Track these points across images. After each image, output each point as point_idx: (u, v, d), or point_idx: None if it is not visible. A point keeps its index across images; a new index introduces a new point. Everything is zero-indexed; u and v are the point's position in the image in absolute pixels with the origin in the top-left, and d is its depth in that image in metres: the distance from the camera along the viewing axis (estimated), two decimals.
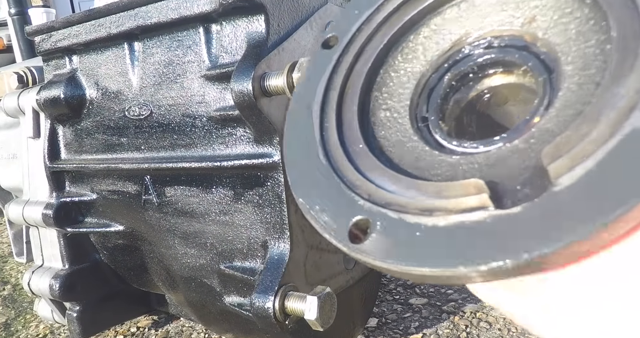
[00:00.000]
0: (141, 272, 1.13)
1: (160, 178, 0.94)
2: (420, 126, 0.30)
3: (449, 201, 0.23)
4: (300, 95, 0.33)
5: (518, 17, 0.28)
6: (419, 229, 0.23)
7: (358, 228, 0.25)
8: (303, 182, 0.28)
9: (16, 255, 1.38)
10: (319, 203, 0.27)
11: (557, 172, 0.21)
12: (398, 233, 0.23)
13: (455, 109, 0.31)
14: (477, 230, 0.21)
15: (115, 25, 0.93)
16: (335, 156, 0.29)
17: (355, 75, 0.32)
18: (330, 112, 0.31)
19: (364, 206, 0.25)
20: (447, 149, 0.28)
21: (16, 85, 1.16)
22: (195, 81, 0.85)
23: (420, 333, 1.35)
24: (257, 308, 0.76)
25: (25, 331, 1.55)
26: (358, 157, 0.28)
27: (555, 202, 0.20)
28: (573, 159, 0.20)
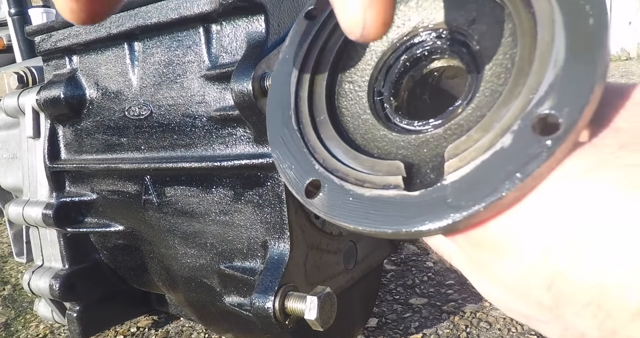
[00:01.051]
0: (141, 272, 1.13)
1: (160, 179, 0.94)
2: (376, 100, 0.36)
3: (377, 177, 0.30)
4: (283, 62, 0.38)
5: (463, 16, 0.33)
6: (351, 195, 0.30)
7: (312, 186, 0.32)
8: (278, 141, 0.35)
9: (16, 255, 1.38)
10: (288, 161, 0.33)
11: (448, 169, 0.27)
12: (337, 196, 0.30)
13: (409, 82, 0.37)
14: (387, 204, 0.28)
15: (115, 25, 0.93)
16: (305, 123, 0.35)
17: (329, 50, 0.37)
18: (304, 82, 0.36)
19: (318, 170, 0.32)
20: (391, 124, 0.34)
21: (16, 85, 1.16)
22: (195, 81, 0.85)
23: (420, 333, 1.35)
24: (257, 308, 0.76)
25: (25, 331, 1.55)
26: (321, 126, 0.34)
27: (440, 193, 0.26)
28: (461, 160, 0.26)
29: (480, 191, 0.25)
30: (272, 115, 0.36)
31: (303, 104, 0.36)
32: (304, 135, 0.34)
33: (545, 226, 0.23)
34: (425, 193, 0.27)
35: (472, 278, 0.30)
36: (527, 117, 0.25)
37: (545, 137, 0.24)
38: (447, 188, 0.26)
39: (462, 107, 0.30)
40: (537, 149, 0.24)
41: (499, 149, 0.25)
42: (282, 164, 0.34)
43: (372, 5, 0.25)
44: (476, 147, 0.26)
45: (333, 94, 0.36)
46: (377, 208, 0.28)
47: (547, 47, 0.26)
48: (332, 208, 0.30)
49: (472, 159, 0.26)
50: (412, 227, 0.26)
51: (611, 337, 0.22)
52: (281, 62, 0.38)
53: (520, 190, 0.24)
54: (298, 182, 0.32)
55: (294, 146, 0.34)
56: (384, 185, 0.29)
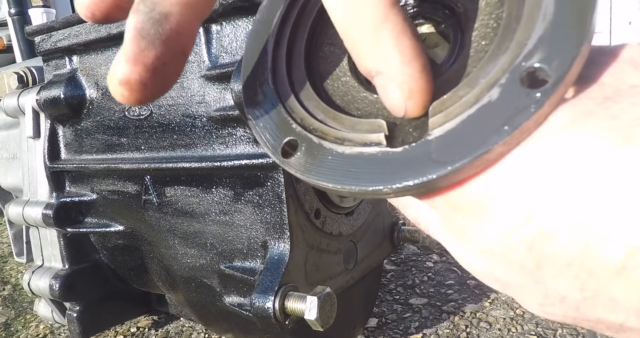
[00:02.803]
0: (141, 272, 1.13)
1: (160, 179, 0.94)
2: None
3: (356, 135, 0.29)
4: (260, 23, 0.37)
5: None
6: (330, 154, 0.29)
7: (289, 146, 0.30)
8: (253, 101, 0.34)
9: (16, 255, 1.38)
10: (263, 122, 0.33)
11: (433, 125, 0.26)
12: (315, 155, 0.29)
13: None
14: (369, 161, 0.27)
15: (115, 25, 0.93)
16: (281, 83, 0.34)
17: (309, 10, 0.36)
18: (282, 43, 0.35)
19: (296, 129, 0.31)
20: (371, 86, 0.32)
21: (16, 85, 1.16)
22: (195, 81, 0.85)
23: (420, 333, 1.35)
24: (257, 308, 0.76)
25: (25, 331, 1.55)
26: (299, 87, 0.34)
27: (425, 148, 0.26)
28: (446, 116, 0.26)
29: (466, 145, 0.24)
30: (247, 75, 0.35)
31: (280, 64, 0.34)
32: (280, 95, 0.33)
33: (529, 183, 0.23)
34: (409, 149, 0.26)
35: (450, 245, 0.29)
36: (515, 71, 0.24)
37: (534, 90, 0.23)
38: (431, 143, 0.26)
39: (444, 68, 0.30)
40: (526, 101, 0.23)
41: (486, 103, 0.25)
42: (257, 124, 0.33)
43: (412, 98, 0.26)
44: (462, 103, 0.26)
45: (313, 56, 0.35)
46: (357, 166, 0.27)
47: (535, 2, 0.25)
48: (309, 167, 0.29)
49: (457, 113, 0.25)
50: (394, 183, 0.25)
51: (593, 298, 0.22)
52: (258, 22, 0.37)
53: (507, 145, 0.24)
54: (274, 142, 0.31)
55: (270, 106, 0.33)
56: (364, 143, 0.28)
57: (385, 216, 1.15)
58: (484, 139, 0.24)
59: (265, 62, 0.35)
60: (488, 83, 0.25)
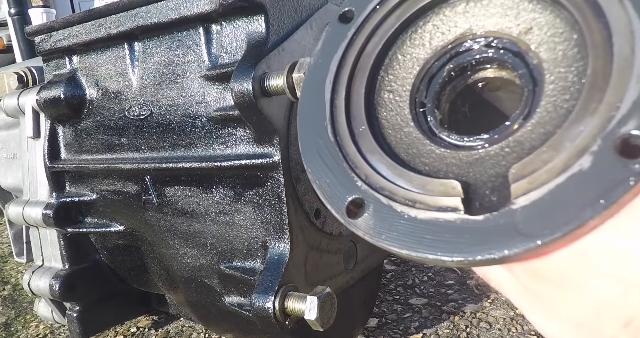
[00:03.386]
0: (141, 272, 1.13)
1: (160, 179, 0.94)
2: (418, 111, 0.33)
3: (430, 197, 0.27)
4: (316, 66, 0.36)
5: (518, 24, 0.30)
6: (402, 218, 0.27)
7: (354, 205, 0.29)
8: (312, 154, 0.32)
9: (16, 255, 1.38)
10: (325, 177, 0.31)
11: (516, 192, 0.25)
12: (386, 217, 0.28)
13: (451, 93, 0.34)
14: (447, 229, 0.26)
15: (115, 25, 0.93)
16: (342, 135, 0.32)
17: (366, 56, 0.35)
18: (340, 90, 0.34)
19: (361, 187, 0.29)
20: (437, 138, 0.31)
21: (16, 85, 1.16)
22: (195, 81, 0.85)
23: (420, 333, 1.35)
24: (257, 308, 0.76)
25: (25, 331, 1.55)
26: (361, 138, 0.32)
27: (509, 218, 0.24)
28: (531, 183, 0.24)
29: (556, 218, 0.22)
30: (304, 124, 0.34)
31: (339, 113, 0.33)
32: (342, 147, 0.31)
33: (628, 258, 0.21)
34: (491, 218, 0.24)
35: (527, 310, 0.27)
36: (608, 137, 0.22)
37: (631, 161, 0.21)
38: (516, 213, 0.24)
39: (518, 124, 0.28)
40: (623, 173, 0.21)
41: (577, 172, 0.23)
42: (318, 178, 0.31)
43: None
44: (547, 169, 0.24)
45: (372, 103, 0.34)
46: (433, 233, 0.26)
47: (627, 61, 0.23)
48: (379, 231, 0.27)
49: (543, 181, 0.24)
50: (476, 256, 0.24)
51: None
52: (313, 67, 0.36)
53: (602, 218, 0.22)
54: (338, 200, 0.30)
55: (331, 159, 0.31)
56: (439, 207, 0.26)
57: None
58: (576, 213, 0.22)
59: (322, 111, 0.33)
60: (577, 149, 0.23)
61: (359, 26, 0.35)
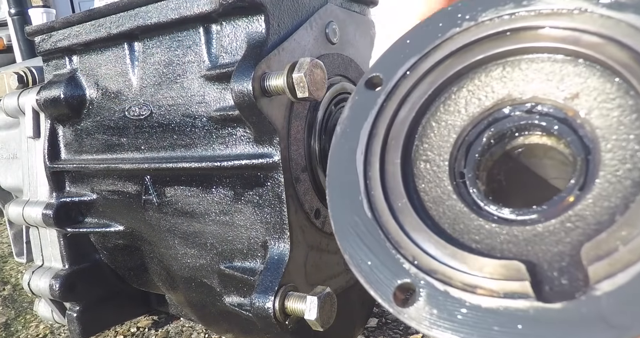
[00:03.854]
0: (141, 272, 1.13)
1: (160, 179, 0.94)
2: (459, 182, 0.30)
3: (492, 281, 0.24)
4: (344, 135, 0.33)
5: (562, 90, 0.28)
6: (463, 305, 0.24)
7: (402, 290, 0.26)
8: (349, 233, 0.29)
9: (16, 255, 1.38)
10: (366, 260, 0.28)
11: (597, 275, 0.22)
12: (443, 306, 0.24)
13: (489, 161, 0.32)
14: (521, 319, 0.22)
15: (115, 25, 0.93)
16: (380, 210, 0.29)
17: (399, 124, 0.32)
18: (374, 161, 0.31)
19: (410, 270, 0.26)
20: (484, 212, 0.28)
21: (16, 85, 1.16)
22: (195, 81, 0.85)
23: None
24: (257, 308, 0.76)
25: (25, 331, 1.55)
26: (401, 214, 0.29)
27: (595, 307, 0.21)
28: (613, 265, 0.21)
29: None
30: (336, 199, 0.31)
31: (375, 186, 0.30)
32: (381, 224, 0.29)
33: None
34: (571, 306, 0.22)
35: None
36: None
37: None
38: (601, 301, 0.21)
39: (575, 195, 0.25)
40: None
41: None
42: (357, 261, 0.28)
43: None
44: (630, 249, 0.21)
45: (408, 174, 0.31)
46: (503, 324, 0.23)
47: None
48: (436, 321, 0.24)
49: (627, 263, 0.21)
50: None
51: None
52: (341, 135, 0.33)
53: None
54: (383, 285, 0.26)
55: (371, 239, 0.28)
56: (505, 293, 0.23)
57: None
58: None
59: (356, 184, 0.31)
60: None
61: (389, 93, 0.33)
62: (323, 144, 0.89)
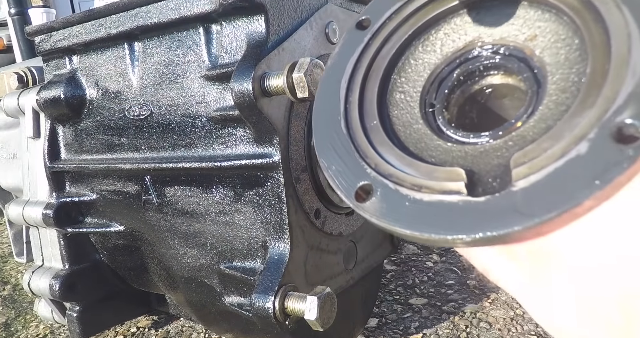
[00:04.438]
0: (141, 272, 1.13)
1: (160, 179, 0.94)
2: (427, 111, 0.35)
3: (435, 182, 0.29)
4: (333, 67, 0.38)
5: (523, 32, 0.33)
6: (408, 200, 0.29)
7: (363, 190, 0.31)
8: (325, 145, 0.34)
9: (16, 255, 1.38)
10: (336, 166, 0.33)
11: (517, 176, 0.26)
12: (393, 201, 0.29)
13: (460, 98, 0.36)
14: (449, 209, 0.27)
15: (115, 26, 0.93)
16: (354, 128, 0.34)
17: (380, 59, 0.37)
18: (355, 89, 0.36)
19: (370, 174, 0.31)
20: (444, 135, 0.33)
21: (16, 85, 1.16)
22: (195, 81, 0.85)
23: (420, 334, 1.35)
24: (257, 308, 0.76)
25: (25, 331, 1.55)
26: (372, 132, 0.34)
27: (509, 199, 0.26)
28: (531, 168, 0.26)
29: (554, 198, 0.24)
30: (319, 120, 0.36)
31: (353, 109, 0.35)
32: (353, 139, 0.34)
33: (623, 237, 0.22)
34: (492, 199, 0.26)
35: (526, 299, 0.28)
36: (605, 126, 0.24)
37: (626, 146, 0.23)
38: (516, 194, 0.25)
39: (522, 121, 0.30)
40: (617, 157, 0.23)
41: (574, 157, 0.25)
42: (329, 168, 0.33)
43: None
44: (547, 155, 0.25)
45: (384, 102, 0.36)
46: (437, 214, 0.27)
47: (623, 59, 0.25)
48: (385, 213, 0.29)
49: (543, 166, 0.25)
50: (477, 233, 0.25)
51: None
52: (330, 68, 0.38)
53: (597, 199, 0.23)
54: (348, 186, 0.31)
55: (344, 151, 0.33)
56: (444, 191, 0.28)
57: None
58: (573, 193, 0.24)
59: (337, 107, 0.36)
60: (575, 136, 0.25)
61: (375, 32, 0.38)
62: None
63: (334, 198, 0.93)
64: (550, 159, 0.25)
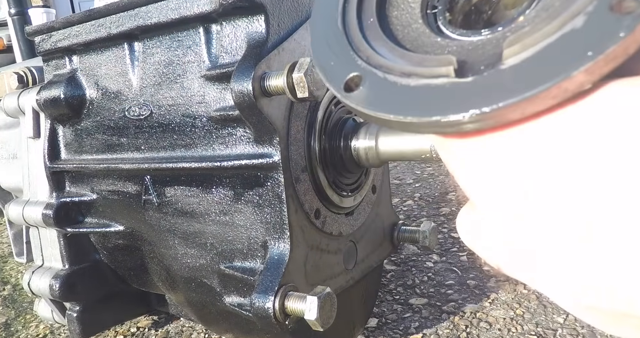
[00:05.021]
0: (141, 272, 1.13)
1: (160, 179, 0.94)
2: (429, 12, 0.34)
3: (424, 68, 0.28)
4: None
5: None
6: (395, 86, 0.28)
7: (352, 82, 0.30)
8: (320, 42, 0.34)
9: (16, 255, 1.38)
10: (329, 61, 0.32)
11: (507, 55, 0.25)
12: (379, 88, 0.29)
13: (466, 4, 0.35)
14: (436, 91, 0.26)
15: (115, 25, 0.93)
16: (350, 24, 0.33)
17: None
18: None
19: (361, 65, 0.30)
20: (444, 34, 0.32)
21: (16, 85, 1.16)
22: (195, 81, 0.85)
23: (420, 334, 1.35)
24: (257, 308, 0.76)
25: (25, 331, 1.55)
26: (368, 28, 0.33)
27: (496, 77, 0.25)
28: (523, 46, 0.24)
29: (544, 73, 0.23)
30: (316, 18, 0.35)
31: (351, 9, 0.34)
32: (348, 35, 0.32)
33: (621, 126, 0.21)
34: (480, 78, 0.25)
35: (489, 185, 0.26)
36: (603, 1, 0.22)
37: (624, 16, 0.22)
38: (504, 72, 0.24)
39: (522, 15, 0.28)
40: (614, 27, 0.21)
41: (569, 31, 0.23)
42: (321, 61, 0.32)
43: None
44: (542, 33, 0.24)
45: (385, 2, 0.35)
46: (422, 97, 0.26)
47: None
48: (371, 101, 0.28)
49: (535, 43, 0.24)
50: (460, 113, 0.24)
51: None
52: None
53: (590, 73, 0.22)
54: (336, 77, 0.30)
55: (337, 45, 0.32)
56: (432, 76, 0.27)
57: (385, 216, 1.15)
58: (563, 66, 0.22)
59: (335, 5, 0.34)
60: (572, 12, 0.24)
61: None
62: (323, 144, 0.89)
63: (334, 198, 0.93)
64: (544, 35, 0.24)
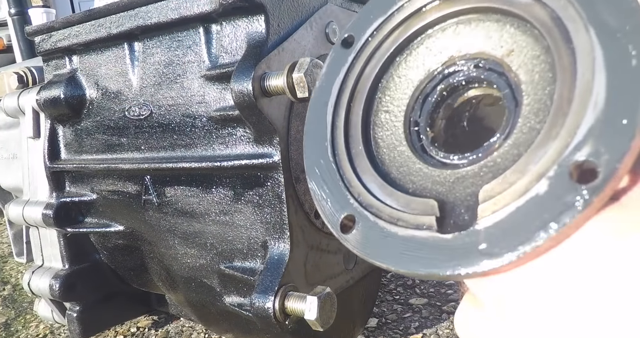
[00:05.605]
0: (141, 272, 1.13)
1: (160, 179, 0.94)
2: (412, 130, 0.35)
3: (411, 216, 0.30)
4: (320, 89, 0.38)
5: (501, 46, 0.32)
6: (385, 234, 0.30)
7: (347, 220, 0.32)
8: (314, 171, 0.35)
9: (16, 255, 1.38)
10: (323, 193, 0.34)
11: (482, 213, 0.27)
12: (371, 233, 0.31)
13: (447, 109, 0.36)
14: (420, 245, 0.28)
15: (115, 25, 0.93)
16: (340, 155, 0.35)
17: (365, 78, 0.37)
18: (341, 112, 0.36)
19: (353, 205, 0.33)
20: (427, 156, 0.34)
21: (16, 85, 1.16)
22: (195, 81, 0.85)
23: (420, 333, 1.35)
24: (257, 308, 0.76)
25: (25, 331, 1.55)
26: (356, 159, 0.34)
27: (475, 238, 0.26)
28: (495, 204, 0.26)
29: (513, 239, 0.25)
30: (308, 145, 0.37)
31: (339, 134, 0.36)
32: (339, 167, 0.34)
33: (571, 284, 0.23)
34: (458, 237, 0.27)
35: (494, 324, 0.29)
36: (564, 163, 0.24)
37: (582, 186, 0.23)
38: (480, 233, 0.26)
39: (499, 143, 0.30)
40: (573, 198, 0.23)
41: (534, 196, 0.25)
42: (317, 195, 0.34)
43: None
44: (511, 191, 0.26)
45: (369, 124, 0.36)
46: (410, 249, 0.28)
47: (587, 87, 0.25)
48: (366, 246, 0.30)
49: (506, 203, 0.26)
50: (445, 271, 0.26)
51: None
52: (318, 90, 0.38)
53: (554, 240, 0.24)
54: (333, 216, 0.33)
55: (330, 178, 0.34)
56: (417, 225, 0.29)
57: None
58: (531, 235, 0.24)
59: (324, 132, 0.36)
60: (537, 173, 0.25)
61: (358, 51, 0.37)
62: None
63: None
64: (513, 196, 0.26)
